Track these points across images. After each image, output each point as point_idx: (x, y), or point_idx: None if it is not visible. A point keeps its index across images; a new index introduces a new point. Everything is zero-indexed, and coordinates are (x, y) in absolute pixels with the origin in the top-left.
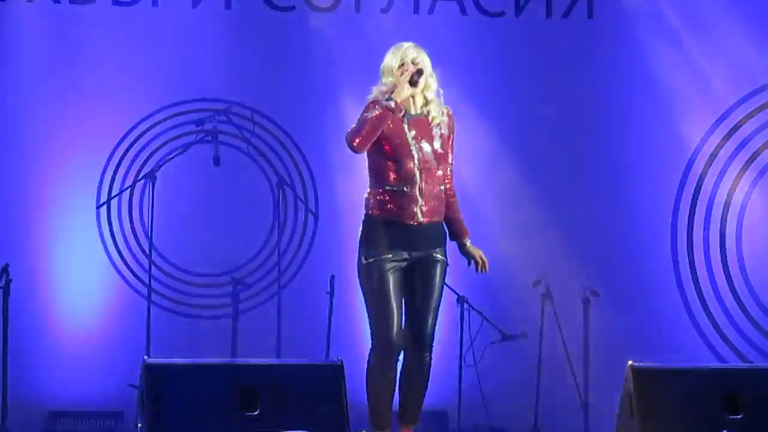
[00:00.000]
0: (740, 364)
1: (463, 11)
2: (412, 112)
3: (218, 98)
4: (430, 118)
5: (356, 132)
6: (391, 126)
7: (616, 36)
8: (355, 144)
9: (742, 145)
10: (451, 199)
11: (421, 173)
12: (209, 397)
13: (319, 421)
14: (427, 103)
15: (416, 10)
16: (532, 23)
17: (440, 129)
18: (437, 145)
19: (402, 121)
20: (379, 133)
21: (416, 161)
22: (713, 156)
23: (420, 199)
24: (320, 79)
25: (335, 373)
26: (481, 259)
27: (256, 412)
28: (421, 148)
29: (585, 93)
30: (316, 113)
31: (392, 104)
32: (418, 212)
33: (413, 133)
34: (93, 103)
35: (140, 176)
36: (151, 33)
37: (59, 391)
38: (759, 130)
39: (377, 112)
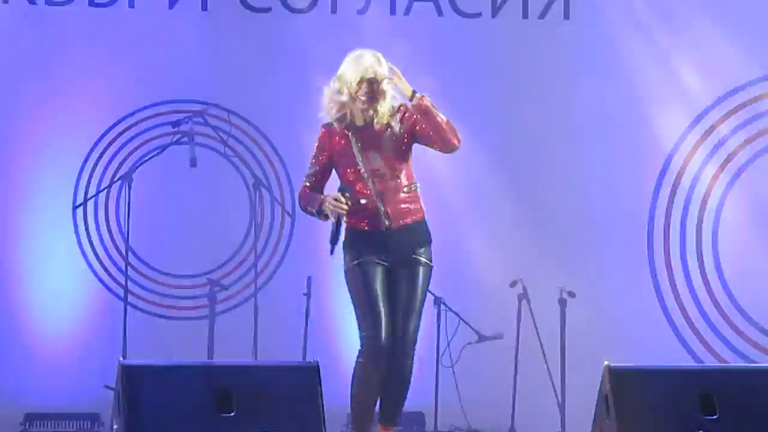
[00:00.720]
0: (716, 365)
1: (440, 12)
2: (358, 123)
3: (195, 99)
4: (376, 125)
5: (300, 206)
6: (342, 142)
7: (592, 37)
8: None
9: (719, 145)
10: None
11: (374, 182)
12: (185, 399)
13: (295, 423)
14: (376, 110)
15: (392, 11)
16: (508, 24)
17: (391, 131)
18: (388, 148)
19: (347, 133)
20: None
21: (365, 171)
22: (690, 157)
23: (381, 207)
24: (297, 81)
25: (311, 374)
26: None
27: (232, 414)
28: (368, 158)
29: (561, 94)
30: (292, 114)
31: (315, 214)
32: (384, 219)
33: (359, 145)
34: (69, 105)
35: (117, 178)
36: (128, 34)
37: (35, 392)
38: (735, 131)
39: (308, 209)
